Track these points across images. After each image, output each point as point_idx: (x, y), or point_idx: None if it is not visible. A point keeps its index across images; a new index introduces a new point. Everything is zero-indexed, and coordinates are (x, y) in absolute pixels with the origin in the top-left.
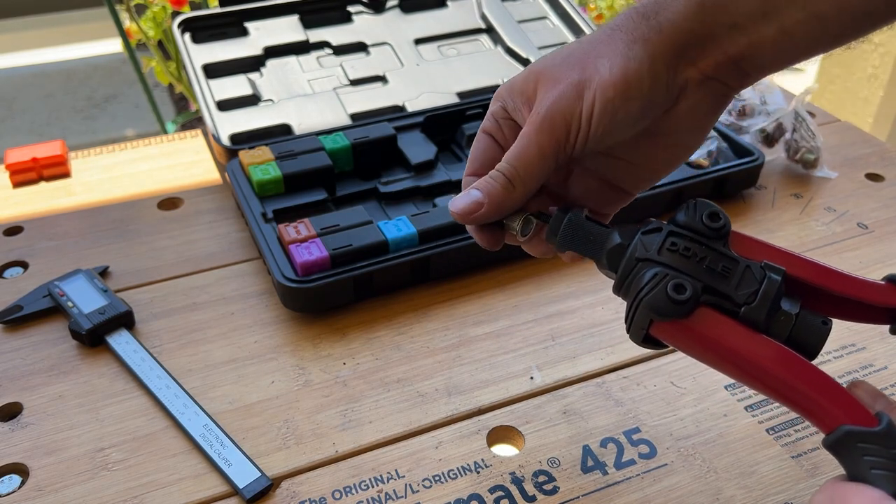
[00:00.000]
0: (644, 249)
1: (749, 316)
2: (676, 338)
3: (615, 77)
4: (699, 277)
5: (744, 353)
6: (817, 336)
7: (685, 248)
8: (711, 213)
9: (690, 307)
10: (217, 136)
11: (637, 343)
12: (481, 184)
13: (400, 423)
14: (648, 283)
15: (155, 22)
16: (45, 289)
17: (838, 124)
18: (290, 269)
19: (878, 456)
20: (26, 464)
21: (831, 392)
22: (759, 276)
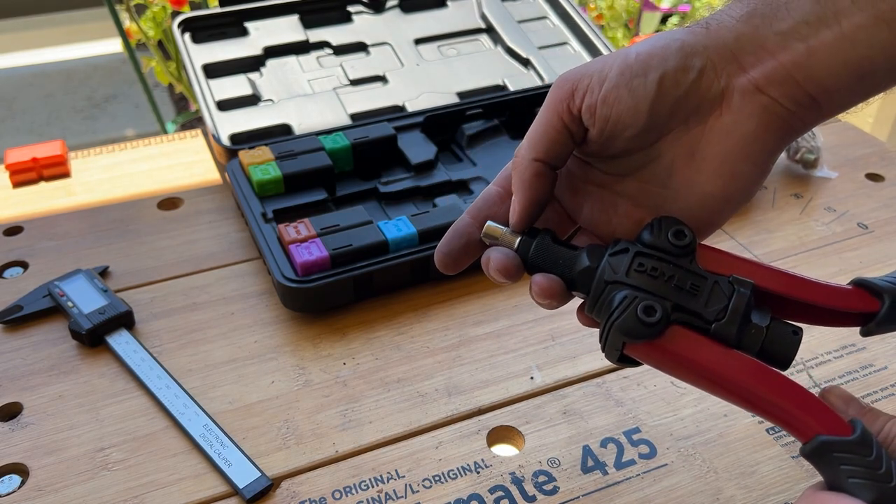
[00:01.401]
0: (612, 272)
1: (720, 332)
2: (650, 357)
3: (641, 47)
4: (668, 297)
5: (716, 369)
6: (789, 346)
7: (652, 268)
8: (677, 231)
9: (661, 328)
10: (217, 136)
11: (613, 363)
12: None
13: (400, 423)
14: (619, 307)
15: (155, 22)
16: (45, 289)
17: (838, 124)
18: (290, 269)
19: (854, 465)
20: (26, 464)
21: (805, 403)
22: (728, 292)
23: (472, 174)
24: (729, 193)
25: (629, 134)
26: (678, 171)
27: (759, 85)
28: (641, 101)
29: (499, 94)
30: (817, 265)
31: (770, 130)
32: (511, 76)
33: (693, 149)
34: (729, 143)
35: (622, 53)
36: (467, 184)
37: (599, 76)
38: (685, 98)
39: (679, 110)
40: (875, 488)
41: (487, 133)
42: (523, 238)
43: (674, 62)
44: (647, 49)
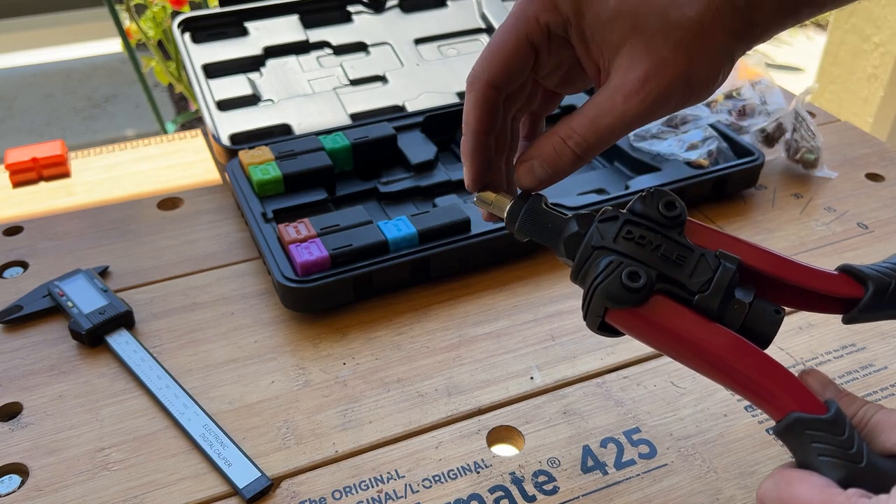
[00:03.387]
0: (600, 237)
1: (702, 304)
2: (631, 325)
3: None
4: (654, 266)
5: (697, 340)
6: (770, 325)
7: (640, 236)
8: (668, 202)
9: (644, 295)
10: (217, 136)
11: (593, 330)
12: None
13: (400, 423)
14: (603, 271)
15: (155, 22)
16: (44, 289)
17: (838, 124)
18: (290, 269)
19: (825, 443)
20: (26, 464)
21: (782, 380)
22: (714, 265)
23: None
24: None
25: None
26: None
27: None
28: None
29: None
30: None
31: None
32: None
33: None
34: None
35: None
36: None
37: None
38: None
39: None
40: (844, 468)
41: None
42: (514, 204)
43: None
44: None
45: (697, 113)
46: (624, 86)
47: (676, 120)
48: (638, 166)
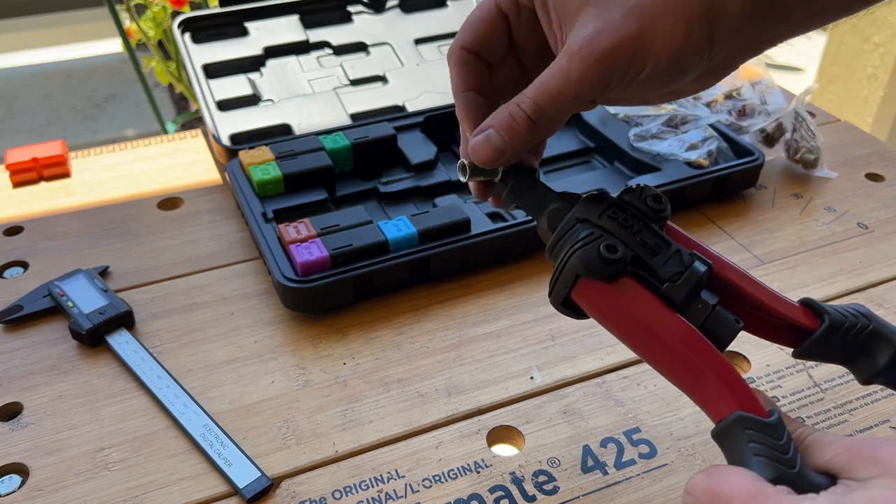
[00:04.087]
0: (585, 211)
1: (669, 293)
2: (597, 301)
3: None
4: (631, 247)
5: (657, 326)
6: (728, 331)
7: (624, 219)
8: (655, 196)
9: (618, 270)
10: (217, 136)
11: (555, 305)
12: (500, 124)
13: (400, 422)
14: (583, 239)
15: (155, 22)
16: (45, 289)
17: (838, 124)
18: (291, 269)
19: (762, 444)
20: (26, 464)
21: (731, 380)
22: (687, 261)
23: None
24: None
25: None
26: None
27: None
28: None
29: None
30: (817, 265)
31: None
32: None
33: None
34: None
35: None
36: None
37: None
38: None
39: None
40: (777, 469)
41: None
42: (511, 167)
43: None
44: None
45: (697, 113)
46: (570, 47)
47: (676, 120)
48: (638, 166)
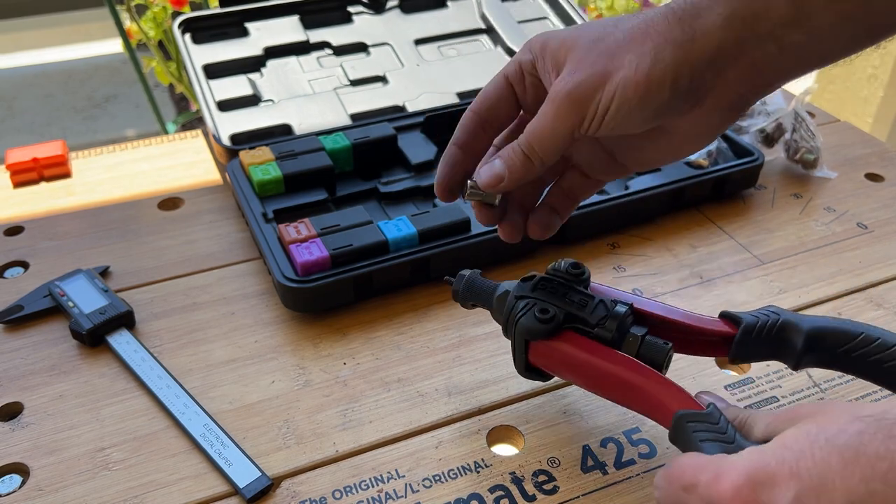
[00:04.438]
0: (520, 290)
1: (601, 334)
2: (548, 356)
3: (639, 77)
4: (562, 307)
5: (599, 363)
6: (661, 354)
7: (552, 287)
8: (574, 264)
9: (555, 327)
10: (217, 136)
11: (521, 373)
12: (505, 154)
13: (400, 422)
14: (521, 310)
15: (155, 22)
16: (45, 289)
17: (838, 124)
18: (291, 269)
19: (705, 430)
20: (27, 463)
21: (671, 392)
22: (610, 307)
23: None
24: (680, 155)
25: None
26: (648, 138)
27: (730, 84)
28: (640, 126)
29: None
30: (817, 265)
31: (731, 118)
32: None
33: (664, 132)
34: (695, 131)
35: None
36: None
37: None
38: (675, 111)
39: (659, 118)
40: (720, 446)
41: None
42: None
43: (668, 91)
44: (643, 77)
45: None
46: (549, 92)
47: None
48: None
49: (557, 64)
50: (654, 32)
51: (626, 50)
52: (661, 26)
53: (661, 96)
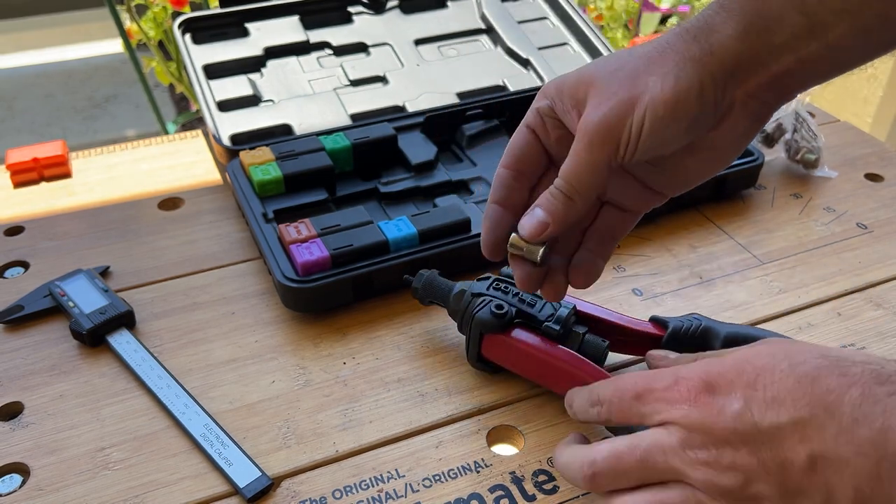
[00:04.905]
0: (477, 288)
1: (548, 330)
2: (500, 348)
3: (666, 95)
4: (514, 305)
5: (545, 356)
6: (600, 349)
7: (505, 287)
8: None
9: (507, 321)
10: (217, 136)
11: (472, 364)
12: (542, 203)
13: (400, 422)
14: (478, 306)
15: (155, 22)
16: (45, 288)
17: (838, 124)
18: (291, 269)
19: None
20: (27, 463)
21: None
22: (556, 307)
23: (472, 174)
24: (712, 171)
25: (651, 157)
26: (679, 159)
27: (753, 94)
28: (673, 145)
29: (499, 95)
30: (816, 265)
31: (758, 125)
32: (511, 76)
33: (695, 146)
34: (725, 141)
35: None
36: (467, 184)
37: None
38: (705, 126)
39: (692, 133)
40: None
41: (487, 133)
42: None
43: (697, 104)
44: (671, 94)
45: None
46: (578, 128)
47: None
48: None
49: (577, 102)
50: (672, 52)
51: (648, 73)
52: (677, 46)
53: (690, 110)
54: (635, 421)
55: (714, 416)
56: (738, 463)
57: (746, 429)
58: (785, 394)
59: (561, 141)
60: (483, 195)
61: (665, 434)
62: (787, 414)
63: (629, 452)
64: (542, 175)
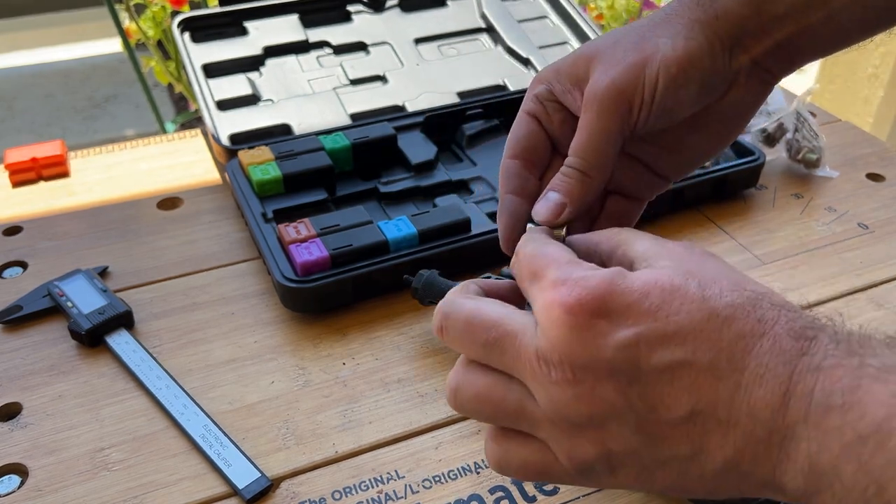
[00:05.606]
0: None
1: None
2: None
3: (678, 53)
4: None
5: None
6: None
7: None
8: None
9: None
10: (217, 135)
11: None
12: (556, 185)
13: (400, 423)
14: None
15: (154, 21)
16: (44, 289)
17: (839, 124)
18: (290, 269)
19: None
20: (26, 464)
21: None
22: None
23: (472, 174)
24: (717, 147)
25: (661, 127)
26: (684, 136)
27: (758, 61)
28: (684, 111)
29: (499, 94)
30: (817, 265)
31: (762, 95)
32: (511, 76)
33: (701, 120)
34: (731, 112)
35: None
36: (467, 184)
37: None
38: (716, 90)
39: (703, 97)
40: None
41: (487, 133)
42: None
43: (709, 63)
44: (683, 52)
45: None
46: (584, 99)
47: None
48: None
49: (578, 80)
50: (677, 17)
51: (656, 35)
52: (682, 11)
53: (703, 71)
54: (527, 297)
55: (590, 340)
56: (596, 395)
57: (622, 365)
58: (689, 329)
59: (564, 123)
60: (483, 195)
61: (530, 328)
62: (683, 353)
63: (486, 325)
64: (548, 164)
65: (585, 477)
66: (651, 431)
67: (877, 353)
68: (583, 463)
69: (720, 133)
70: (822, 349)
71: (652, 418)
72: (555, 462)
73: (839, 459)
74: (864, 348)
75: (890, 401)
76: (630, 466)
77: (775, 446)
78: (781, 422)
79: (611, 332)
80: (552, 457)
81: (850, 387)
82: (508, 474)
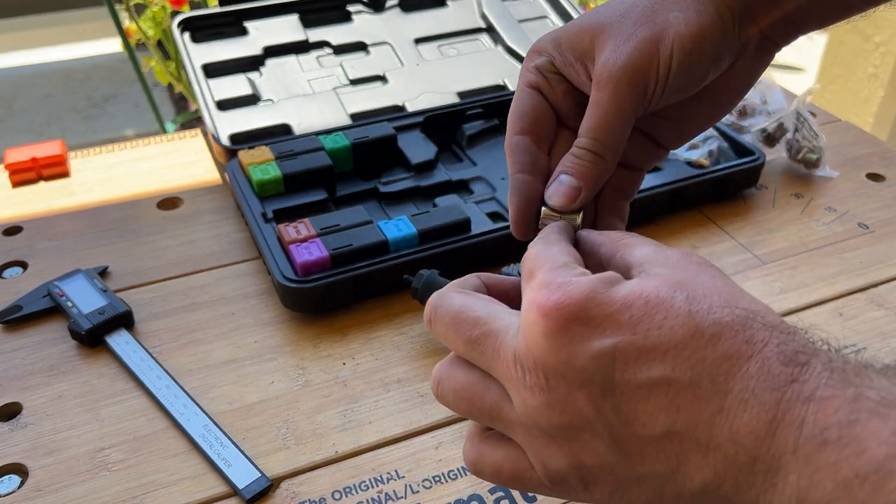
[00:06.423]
0: None
1: None
2: None
3: (692, 29)
4: None
5: None
6: None
7: None
8: None
9: None
10: (217, 135)
11: None
12: (569, 167)
13: (400, 423)
14: None
15: (154, 21)
16: (44, 289)
17: (839, 124)
18: (290, 269)
19: None
20: (26, 464)
21: None
22: None
23: (472, 174)
24: (717, 117)
25: (672, 102)
26: (687, 105)
27: (767, 33)
28: (696, 84)
29: (499, 94)
30: (818, 265)
31: (764, 65)
32: (511, 76)
33: (705, 92)
34: (735, 84)
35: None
36: (467, 184)
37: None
38: (726, 62)
39: (714, 71)
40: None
41: (487, 133)
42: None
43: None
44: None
45: None
46: (595, 77)
47: None
48: None
49: (582, 53)
50: None
51: (666, 10)
52: None
53: (715, 45)
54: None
55: (564, 346)
56: (568, 404)
57: (595, 376)
58: (671, 345)
59: (567, 95)
60: (483, 195)
61: (513, 329)
62: (662, 370)
63: (471, 322)
64: (554, 138)
65: (559, 488)
66: (625, 446)
67: (874, 384)
68: (556, 473)
69: (722, 102)
70: (814, 377)
71: (626, 433)
72: (529, 470)
73: (832, 497)
74: (860, 377)
75: (891, 439)
76: (604, 482)
77: (759, 474)
78: (766, 451)
79: (586, 341)
80: (527, 464)
81: (847, 421)
82: (483, 477)
